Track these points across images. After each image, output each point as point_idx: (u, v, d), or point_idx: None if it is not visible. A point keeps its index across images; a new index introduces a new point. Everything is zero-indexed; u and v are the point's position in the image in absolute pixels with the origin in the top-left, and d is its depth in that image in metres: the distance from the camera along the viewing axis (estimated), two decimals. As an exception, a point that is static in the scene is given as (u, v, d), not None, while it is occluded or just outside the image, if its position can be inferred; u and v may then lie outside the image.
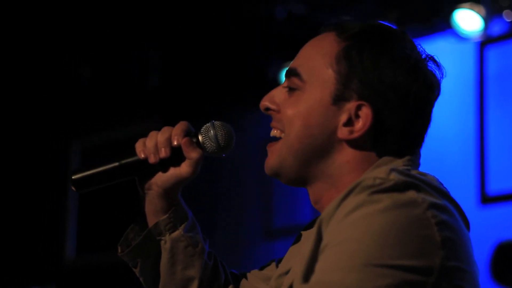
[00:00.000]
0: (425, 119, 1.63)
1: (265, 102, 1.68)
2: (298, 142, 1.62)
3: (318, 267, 1.39)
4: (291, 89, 1.65)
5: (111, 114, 6.37)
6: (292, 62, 1.68)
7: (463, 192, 4.80)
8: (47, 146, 6.71)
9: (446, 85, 1.66)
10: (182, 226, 1.79)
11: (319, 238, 1.43)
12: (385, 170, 1.43)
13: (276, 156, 1.65)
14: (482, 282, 1.41)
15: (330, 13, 5.45)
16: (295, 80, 1.64)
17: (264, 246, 5.74)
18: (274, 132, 1.68)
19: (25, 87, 6.53)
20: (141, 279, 1.83)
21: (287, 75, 1.66)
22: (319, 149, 1.61)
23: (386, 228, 1.36)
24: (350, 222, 1.38)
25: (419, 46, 1.64)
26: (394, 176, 1.42)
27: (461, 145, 4.99)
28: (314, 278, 1.38)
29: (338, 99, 1.59)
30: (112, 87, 6.30)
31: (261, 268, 1.88)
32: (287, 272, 1.59)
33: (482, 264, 4.48)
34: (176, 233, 1.78)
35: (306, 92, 1.62)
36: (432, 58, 1.64)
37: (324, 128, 1.60)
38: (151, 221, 1.79)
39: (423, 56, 1.63)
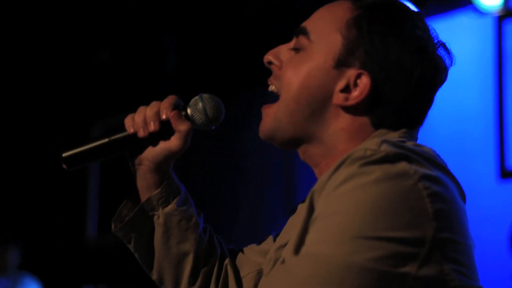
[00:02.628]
0: (425, 100, 1.61)
1: (269, 56, 1.68)
2: (294, 102, 1.60)
3: (309, 239, 1.37)
4: (296, 50, 1.64)
5: (130, 97, 6.39)
6: (303, 22, 1.67)
7: (483, 167, 4.76)
8: (68, 129, 6.76)
9: (465, 60, 1.64)
10: (175, 200, 1.77)
11: (311, 210, 1.41)
12: (376, 141, 1.41)
13: (272, 119, 1.64)
14: (502, 256, 1.39)
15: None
16: (302, 40, 1.63)
17: (287, 224, 5.74)
18: (272, 88, 1.67)
19: (46, 71, 6.57)
20: (136, 255, 1.82)
21: (296, 34, 1.65)
22: (315, 111, 1.59)
23: (376, 200, 1.34)
24: (340, 194, 1.36)
25: (432, 30, 1.63)
26: (385, 148, 1.39)
27: (480, 120, 4.95)
28: (304, 250, 1.36)
29: (341, 64, 1.58)
30: (131, 70, 6.32)
31: (259, 243, 1.87)
32: (285, 244, 1.57)
33: (503, 238, 4.43)
34: (169, 208, 1.77)
35: (311, 52, 1.61)
36: (443, 44, 1.63)
37: (322, 91, 1.59)
38: (143, 196, 1.78)
39: (435, 40, 1.61)
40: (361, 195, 1.34)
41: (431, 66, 1.58)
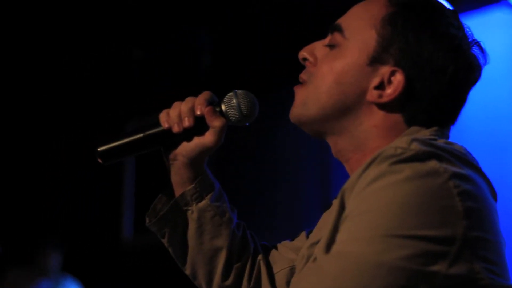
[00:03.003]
0: (458, 98, 1.61)
1: (304, 52, 1.69)
2: (327, 96, 1.61)
3: (339, 237, 1.37)
4: (331, 46, 1.64)
5: (165, 94, 6.42)
6: (339, 19, 1.67)
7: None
8: (103, 128, 6.81)
9: (499, 57, 1.63)
10: (209, 196, 1.79)
11: (342, 208, 1.42)
12: (406, 139, 1.41)
13: (301, 105, 1.65)
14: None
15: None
16: (337, 36, 1.63)
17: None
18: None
19: (82, 68, 6.62)
20: (169, 249, 1.84)
21: (331, 31, 1.66)
22: (347, 107, 1.60)
23: (406, 199, 1.34)
24: (370, 192, 1.36)
25: (467, 29, 1.63)
26: (415, 146, 1.39)
27: (514, 118, 4.90)
28: (334, 248, 1.36)
29: (375, 61, 1.58)
30: (165, 67, 6.35)
31: (292, 239, 1.88)
32: (318, 242, 1.57)
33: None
34: (202, 203, 1.79)
35: (345, 49, 1.61)
36: (477, 43, 1.62)
37: (355, 87, 1.59)
38: (177, 191, 1.80)
39: (469, 39, 1.61)
40: (391, 194, 1.34)
41: (464, 64, 1.58)
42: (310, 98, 1.63)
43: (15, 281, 6.52)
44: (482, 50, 1.62)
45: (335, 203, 1.45)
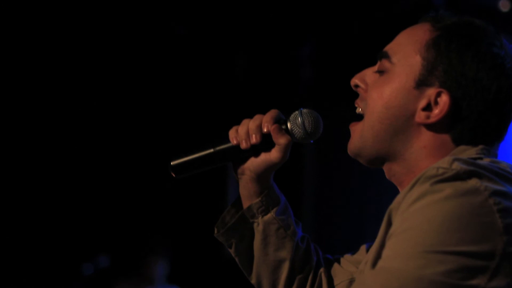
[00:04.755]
0: (504, 116, 1.66)
1: (355, 80, 1.77)
2: (379, 122, 1.68)
3: (384, 253, 1.45)
4: (380, 72, 1.72)
5: (265, 106, 6.52)
6: (386, 46, 1.75)
7: None
8: (207, 139, 6.92)
9: None
10: (274, 209, 1.87)
11: (388, 225, 1.50)
12: (448, 160, 1.47)
13: (358, 137, 1.73)
14: None
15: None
16: (385, 63, 1.71)
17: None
18: (359, 110, 1.76)
19: (187, 76, 6.76)
20: (236, 259, 1.93)
21: (379, 58, 1.74)
22: (398, 130, 1.67)
23: (447, 216, 1.40)
24: (413, 211, 1.43)
25: (510, 48, 1.68)
26: (456, 166, 1.45)
27: None
28: (379, 264, 1.44)
29: (421, 84, 1.65)
30: (266, 79, 6.45)
31: (353, 253, 1.94)
32: None
33: None
34: (268, 216, 1.87)
35: (393, 74, 1.69)
36: None
37: (404, 110, 1.66)
38: (245, 204, 1.89)
39: None
40: (432, 212, 1.41)
41: (508, 82, 1.63)
42: (365, 129, 1.71)
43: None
44: None
45: (384, 221, 1.52)
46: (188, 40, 6.50)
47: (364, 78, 1.75)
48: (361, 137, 1.72)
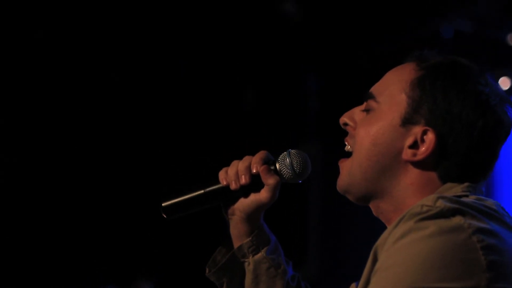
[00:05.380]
0: (489, 153, 1.69)
1: (344, 118, 1.81)
2: (367, 159, 1.72)
3: None
4: (367, 111, 1.76)
5: (272, 137, 6.56)
6: (372, 87, 1.79)
7: None
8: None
9: None
10: (265, 248, 1.90)
11: (374, 262, 1.53)
12: (432, 197, 1.51)
13: (347, 174, 1.76)
14: None
15: (497, 30, 5.38)
16: (370, 102, 1.76)
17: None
18: (348, 148, 1.80)
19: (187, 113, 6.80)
20: None
21: (365, 99, 1.78)
22: (385, 167, 1.71)
23: (430, 253, 1.44)
24: (398, 248, 1.47)
25: (496, 87, 1.72)
26: (440, 203, 1.49)
27: None
28: None
29: (407, 122, 1.69)
30: (274, 111, 6.49)
31: None
32: None
33: None
34: (258, 255, 1.90)
35: (379, 113, 1.73)
36: (508, 99, 1.71)
37: (391, 147, 1.70)
38: (236, 244, 1.93)
39: (499, 95, 1.70)
40: (416, 249, 1.45)
41: (493, 119, 1.67)
42: (354, 166, 1.75)
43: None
44: None
45: (370, 257, 1.54)
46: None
47: (353, 116, 1.79)
48: (349, 174, 1.75)
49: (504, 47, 5.34)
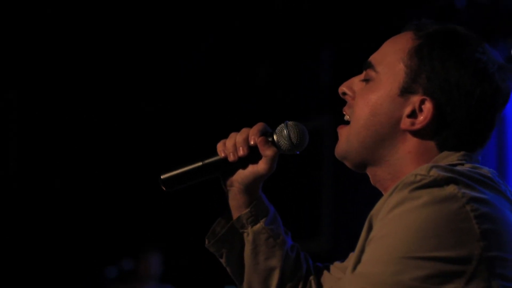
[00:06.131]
0: (487, 121, 1.69)
1: (343, 87, 1.81)
2: (365, 129, 1.73)
3: (363, 259, 1.50)
4: (366, 81, 1.76)
5: (285, 112, 6.57)
6: (371, 56, 1.79)
7: None
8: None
9: None
10: (263, 219, 1.92)
11: (369, 231, 1.54)
12: (426, 167, 1.51)
13: (345, 141, 1.77)
14: None
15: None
16: (370, 72, 1.76)
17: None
18: (347, 117, 1.81)
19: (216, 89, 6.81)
20: (227, 269, 1.98)
21: (364, 68, 1.78)
22: (384, 136, 1.72)
23: (423, 223, 1.45)
24: (391, 217, 1.48)
25: (494, 55, 1.71)
26: (434, 172, 1.49)
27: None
28: (358, 269, 1.50)
29: (405, 92, 1.70)
30: (287, 85, 6.50)
31: (343, 260, 1.98)
32: None
33: None
34: (257, 226, 1.92)
35: (378, 82, 1.73)
36: (506, 67, 1.71)
37: (389, 117, 1.71)
38: (234, 215, 1.94)
39: (496, 63, 1.70)
40: (410, 218, 1.46)
41: (491, 88, 1.67)
42: (352, 134, 1.76)
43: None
44: (510, 74, 1.70)
45: (365, 226, 1.56)
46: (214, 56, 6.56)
47: (352, 86, 1.80)
48: (347, 141, 1.77)
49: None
